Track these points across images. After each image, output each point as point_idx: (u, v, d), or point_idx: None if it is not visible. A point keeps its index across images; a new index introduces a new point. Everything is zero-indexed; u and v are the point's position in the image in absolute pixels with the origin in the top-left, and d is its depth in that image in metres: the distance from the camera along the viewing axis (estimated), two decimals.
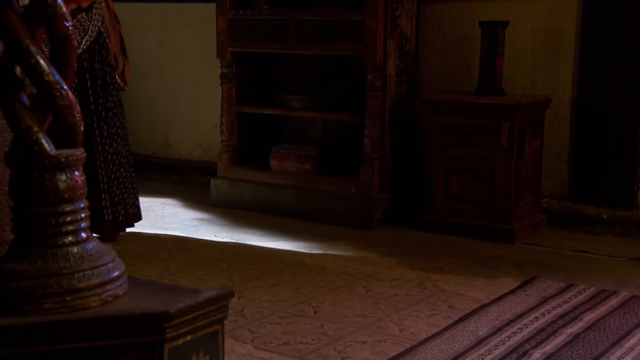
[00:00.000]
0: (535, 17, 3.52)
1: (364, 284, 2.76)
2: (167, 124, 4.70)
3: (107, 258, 1.16)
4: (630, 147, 3.35)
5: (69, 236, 1.12)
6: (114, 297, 1.14)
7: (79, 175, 1.14)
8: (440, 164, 3.42)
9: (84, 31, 3.01)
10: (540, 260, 3.04)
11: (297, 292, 2.67)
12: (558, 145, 3.52)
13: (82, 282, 1.11)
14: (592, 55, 3.41)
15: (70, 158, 1.11)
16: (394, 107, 3.58)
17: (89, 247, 1.14)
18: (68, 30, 1.09)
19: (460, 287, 2.71)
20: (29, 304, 1.08)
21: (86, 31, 3.01)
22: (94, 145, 3.07)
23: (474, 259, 3.06)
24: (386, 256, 3.10)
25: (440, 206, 3.45)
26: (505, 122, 3.26)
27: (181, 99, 4.61)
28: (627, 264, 3.01)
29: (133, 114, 4.83)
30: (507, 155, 3.26)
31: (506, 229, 3.28)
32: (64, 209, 1.12)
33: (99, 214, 3.09)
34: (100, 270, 1.13)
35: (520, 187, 3.31)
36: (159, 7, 4.63)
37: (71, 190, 1.12)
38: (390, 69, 3.53)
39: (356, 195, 3.53)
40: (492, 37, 3.34)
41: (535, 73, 3.55)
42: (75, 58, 1.13)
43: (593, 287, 2.68)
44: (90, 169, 2.98)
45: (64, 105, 1.10)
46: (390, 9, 3.46)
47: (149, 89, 4.72)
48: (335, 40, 3.50)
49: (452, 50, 3.71)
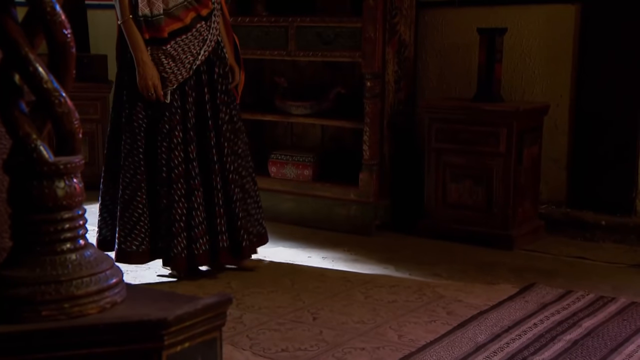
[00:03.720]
0: (533, 24, 3.53)
1: (363, 290, 2.76)
2: None
3: (105, 265, 1.16)
4: (629, 154, 3.35)
5: (67, 243, 1.12)
6: (112, 304, 1.14)
7: (77, 182, 1.14)
8: (438, 170, 3.43)
9: (203, 41, 2.77)
10: (539, 267, 3.04)
11: (295, 298, 2.67)
12: (556, 151, 3.53)
13: (80, 289, 1.11)
14: (591, 62, 3.41)
15: (69, 165, 1.12)
16: (392, 113, 3.58)
17: (87, 254, 1.14)
18: (67, 38, 1.10)
19: (459, 293, 2.71)
20: (27, 311, 1.08)
21: (204, 41, 2.77)
22: (210, 165, 2.79)
23: (473, 265, 3.06)
24: (385, 262, 3.10)
25: (439, 212, 3.45)
26: (504, 128, 3.26)
27: None
28: (626, 271, 3.01)
29: None
30: (506, 162, 3.27)
31: (505, 235, 3.28)
32: (62, 216, 1.12)
33: (214, 240, 2.80)
34: (98, 277, 1.13)
35: (519, 193, 3.31)
36: None
37: (70, 197, 1.13)
38: (389, 75, 3.54)
39: (355, 202, 3.54)
40: (491, 44, 3.35)
41: (534, 79, 3.56)
42: (74, 65, 1.13)
43: (592, 293, 2.68)
44: (206, 191, 2.78)
45: (62, 112, 1.10)
46: (389, 15, 3.47)
47: None
48: (333, 47, 3.51)
49: (450, 57, 3.72)
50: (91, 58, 4.55)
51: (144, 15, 2.71)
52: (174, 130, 2.76)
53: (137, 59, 2.72)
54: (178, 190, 2.76)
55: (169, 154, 2.76)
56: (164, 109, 2.76)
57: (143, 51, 2.70)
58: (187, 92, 2.79)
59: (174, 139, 2.76)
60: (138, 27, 2.71)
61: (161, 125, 2.76)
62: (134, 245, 2.77)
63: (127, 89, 2.79)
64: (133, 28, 2.71)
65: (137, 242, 2.77)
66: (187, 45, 2.76)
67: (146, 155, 2.77)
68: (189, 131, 2.78)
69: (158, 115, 2.76)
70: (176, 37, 2.74)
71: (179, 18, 2.74)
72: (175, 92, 2.77)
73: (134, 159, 2.76)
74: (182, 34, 2.74)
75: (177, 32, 2.74)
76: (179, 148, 2.77)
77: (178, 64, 2.75)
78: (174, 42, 2.74)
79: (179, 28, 2.74)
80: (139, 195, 2.76)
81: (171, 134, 2.76)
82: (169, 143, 2.76)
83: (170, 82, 2.75)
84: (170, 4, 2.73)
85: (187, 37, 2.75)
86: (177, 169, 2.76)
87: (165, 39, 2.73)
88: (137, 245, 2.77)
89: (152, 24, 2.72)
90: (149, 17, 2.71)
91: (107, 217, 2.88)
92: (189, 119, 2.78)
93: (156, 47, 2.73)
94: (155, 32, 2.72)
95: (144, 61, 2.70)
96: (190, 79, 2.79)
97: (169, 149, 2.76)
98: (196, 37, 2.76)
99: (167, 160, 2.76)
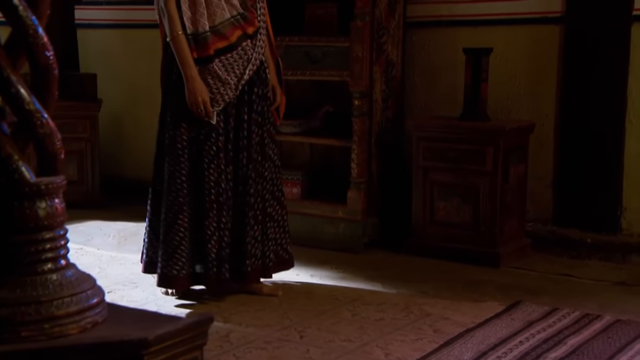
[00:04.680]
0: (518, 44, 3.57)
1: (350, 308, 2.77)
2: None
3: (87, 285, 1.16)
4: (614, 172, 3.39)
5: (48, 263, 1.13)
6: (93, 324, 1.15)
7: (59, 202, 1.15)
8: (426, 188, 3.45)
9: (247, 60, 2.72)
10: (525, 284, 3.06)
11: (283, 316, 2.67)
12: (542, 169, 3.56)
13: (61, 310, 1.11)
14: (574, 81, 3.45)
15: (50, 186, 1.13)
16: (380, 131, 3.61)
17: (68, 274, 1.15)
18: (49, 60, 1.11)
19: (445, 311, 2.72)
20: (7, 331, 1.09)
21: (249, 60, 2.73)
22: (238, 189, 2.77)
23: (460, 282, 3.07)
24: (373, 280, 3.11)
25: (426, 230, 3.46)
26: (490, 146, 3.29)
27: None
28: (611, 288, 3.03)
29: (122, 139, 4.85)
30: (492, 180, 3.29)
31: (492, 253, 3.29)
32: (43, 236, 1.13)
33: (241, 263, 2.78)
34: (79, 297, 1.14)
35: (506, 211, 3.34)
36: (151, 34, 4.66)
37: (51, 218, 1.13)
38: (377, 94, 3.57)
39: (343, 219, 3.55)
40: (476, 64, 3.39)
41: (519, 98, 3.60)
42: (56, 87, 1.14)
43: (577, 311, 2.70)
44: (237, 213, 2.77)
45: (44, 133, 1.11)
46: (376, 35, 3.51)
47: (139, 115, 4.74)
48: (322, 66, 3.54)
49: (437, 76, 3.76)
50: (81, 77, 4.56)
51: (191, 33, 2.66)
52: (221, 152, 2.72)
53: (186, 76, 2.66)
54: (228, 213, 2.74)
55: (218, 176, 2.71)
56: (210, 130, 2.71)
57: (192, 67, 2.64)
58: (230, 113, 2.75)
59: (223, 161, 2.72)
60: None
61: (208, 147, 2.71)
62: (174, 270, 2.72)
63: (171, 111, 2.74)
64: (184, 44, 2.64)
65: (177, 267, 2.72)
66: (231, 65, 2.71)
67: (189, 178, 2.72)
68: (229, 152, 2.75)
69: (204, 136, 2.71)
70: (221, 56, 2.69)
71: (224, 36, 2.69)
72: (220, 113, 2.73)
73: (175, 182, 2.71)
74: (227, 53, 2.69)
75: (223, 51, 2.69)
76: (228, 170, 2.74)
77: (225, 84, 2.70)
78: (219, 60, 2.69)
79: (225, 47, 2.69)
80: (180, 219, 2.71)
81: (219, 155, 2.71)
82: (217, 165, 2.71)
83: (217, 102, 2.70)
84: (217, 21, 2.68)
85: (232, 55, 2.70)
86: (227, 191, 2.73)
87: (210, 57, 2.67)
88: (177, 269, 2.72)
89: (199, 41, 2.66)
90: (196, 35, 2.66)
91: (153, 239, 2.82)
92: (231, 140, 2.75)
93: (202, 68, 2.68)
94: (202, 50, 2.67)
95: (192, 77, 2.64)
96: (234, 98, 2.75)
97: (218, 171, 2.71)
98: (241, 56, 2.72)
99: (216, 182, 2.71)
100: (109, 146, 4.71)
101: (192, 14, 2.65)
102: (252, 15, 2.76)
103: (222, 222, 2.73)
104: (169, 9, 2.64)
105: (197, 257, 2.75)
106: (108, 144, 4.68)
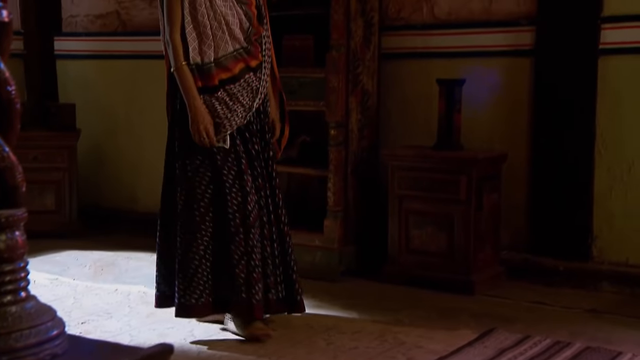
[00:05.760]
0: (490, 75, 3.64)
1: (325, 336, 2.77)
2: (134, 178, 4.71)
3: (47, 317, 1.17)
4: (584, 200, 3.44)
5: (7, 296, 1.14)
6: (53, 356, 1.15)
7: (19, 234, 1.16)
8: (401, 216, 3.48)
9: (253, 92, 2.76)
10: (499, 312, 3.08)
11: (258, 346, 2.67)
12: (515, 198, 3.60)
13: (20, 342, 1.12)
14: (545, 112, 3.52)
15: (10, 218, 1.14)
16: (356, 161, 3.65)
17: (27, 306, 1.16)
18: (11, 95, 1.14)
19: (420, 339, 2.73)
20: None
21: (255, 92, 2.77)
22: (270, 217, 2.80)
23: (435, 310, 3.09)
24: (349, 308, 3.12)
25: (402, 258, 3.49)
26: (464, 176, 3.34)
27: (148, 153, 4.64)
28: (582, 316, 3.06)
29: (100, 167, 4.85)
30: (466, 209, 3.33)
31: (466, 281, 3.32)
32: (3, 269, 1.14)
33: (291, 290, 2.83)
34: (38, 329, 1.15)
35: (480, 239, 3.37)
36: (129, 64, 4.70)
37: (11, 250, 1.14)
38: (353, 124, 3.61)
39: (320, 248, 3.56)
40: (450, 94, 3.45)
41: (492, 128, 3.66)
42: (18, 121, 1.16)
43: (549, 338, 2.72)
44: (274, 241, 2.79)
45: (5, 166, 1.13)
46: (352, 66, 3.57)
47: (118, 144, 4.75)
48: (298, 96, 3.58)
49: (412, 106, 3.82)
50: (59, 107, 4.58)
51: (195, 63, 2.69)
52: (243, 174, 2.72)
53: (189, 105, 2.68)
54: (255, 236, 2.73)
55: (244, 198, 2.70)
56: (225, 154, 2.72)
57: (196, 97, 2.67)
58: (247, 138, 2.78)
59: (248, 183, 2.72)
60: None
61: (227, 172, 2.71)
62: (192, 299, 2.70)
63: (179, 141, 2.75)
64: (187, 74, 2.67)
65: (196, 295, 2.70)
66: (236, 95, 2.73)
67: (205, 205, 2.71)
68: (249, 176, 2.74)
69: (220, 161, 2.71)
70: (225, 86, 2.72)
71: (227, 68, 2.72)
72: (237, 137, 2.75)
73: (191, 209, 2.70)
74: (230, 83, 2.72)
75: (227, 81, 2.72)
76: (253, 192, 2.73)
77: (232, 111, 2.72)
78: (223, 89, 2.71)
79: (228, 78, 2.72)
80: (194, 247, 2.70)
81: (242, 177, 2.71)
82: (241, 187, 2.71)
83: (224, 127, 2.72)
84: (220, 54, 2.71)
85: (235, 86, 2.72)
86: (253, 213, 2.72)
87: (215, 87, 2.70)
88: (196, 298, 2.70)
89: (203, 72, 2.69)
90: (200, 65, 2.69)
91: (165, 273, 2.81)
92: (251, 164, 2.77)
93: (209, 96, 2.70)
94: (206, 80, 2.70)
95: (196, 107, 2.66)
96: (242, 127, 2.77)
97: (243, 193, 2.71)
98: (244, 87, 2.74)
99: (243, 204, 2.70)
100: (88, 175, 4.71)
101: (198, 45, 2.70)
102: (256, 49, 2.79)
103: (250, 245, 2.71)
104: (174, 40, 2.69)
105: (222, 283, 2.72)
106: (86, 174, 4.69)
